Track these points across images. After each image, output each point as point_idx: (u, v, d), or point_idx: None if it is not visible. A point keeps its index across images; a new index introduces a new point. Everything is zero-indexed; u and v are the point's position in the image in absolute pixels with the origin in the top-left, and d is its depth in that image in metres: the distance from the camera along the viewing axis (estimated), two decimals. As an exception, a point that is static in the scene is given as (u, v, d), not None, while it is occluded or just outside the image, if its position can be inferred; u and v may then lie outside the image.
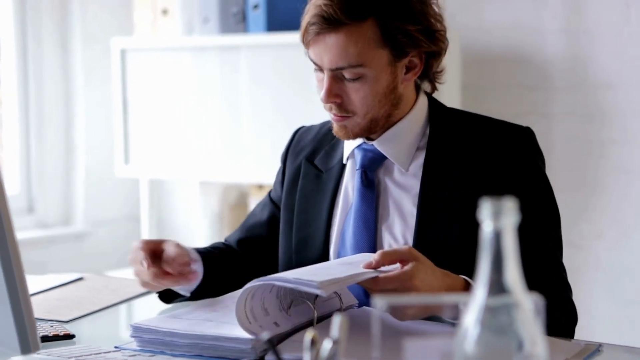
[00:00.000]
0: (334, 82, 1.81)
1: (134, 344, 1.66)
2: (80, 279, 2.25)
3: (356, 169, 1.90)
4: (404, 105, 1.87)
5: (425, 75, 1.88)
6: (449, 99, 3.31)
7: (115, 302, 2.03)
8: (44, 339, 1.69)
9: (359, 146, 1.91)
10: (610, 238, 3.50)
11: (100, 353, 1.60)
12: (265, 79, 3.61)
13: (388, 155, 1.87)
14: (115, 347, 1.65)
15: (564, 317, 1.75)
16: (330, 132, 1.90)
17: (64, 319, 1.88)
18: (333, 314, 1.70)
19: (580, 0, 3.49)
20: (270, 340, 1.10)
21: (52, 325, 1.79)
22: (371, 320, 1.66)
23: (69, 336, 1.73)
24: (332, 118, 1.86)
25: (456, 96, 3.53)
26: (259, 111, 3.64)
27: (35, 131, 4.15)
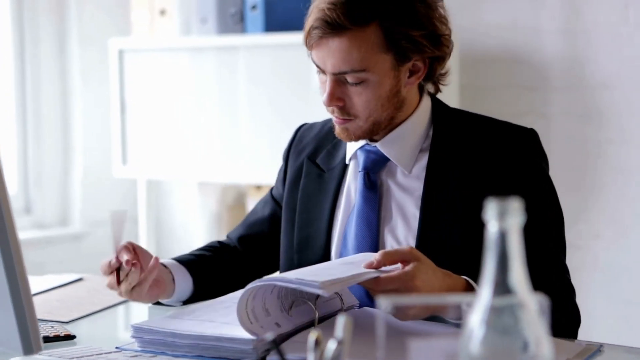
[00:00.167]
0: (336, 86, 1.80)
1: (135, 345, 1.66)
2: (79, 279, 2.25)
3: (359, 171, 1.90)
4: (407, 108, 1.87)
5: (429, 78, 1.87)
6: (447, 99, 3.28)
7: (115, 303, 2.02)
8: (45, 340, 1.69)
9: (361, 147, 1.90)
10: (608, 238, 3.50)
11: (102, 354, 1.60)
12: (263, 79, 3.61)
13: (391, 157, 1.87)
14: (117, 348, 1.65)
15: (565, 318, 1.75)
16: (333, 131, 1.89)
17: (64, 320, 1.88)
18: (334, 314, 1.71)
19: (578, 1, 3.49)
20: (275, 340, 1.10)
21: (53, 326, 1.79)
22: (376, 320, 1.66)
23: (70, 337, 1.73)
24: (335, 120, 1.85)
25: (454, 96, 3.53)
26: (257, 112, 3.64)
27: (32, 132, 4.15)
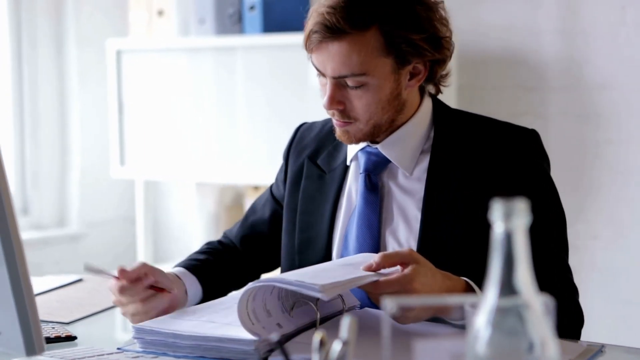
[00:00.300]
0: (336, 89, 1.79)
1: (136, 346, 1.65)
2: (79, 280, 2.25)
3: (360, 172, 1.89)
4: (408, 110, 1.86)
5: (430, 79, 1.86)
6: (445, 100, 3.29)
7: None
8: (46, 341, 1.67)
9: (362, 149, 1.90)
10: (606, 238, 3.50)
11: (103, 355, 1.60)
12: (261, 80, 3.61)
13: (392, 159, 1.87)
14: (118, 349, 1.65)
15: (567, 319, 1.75)
16: (333, 132, 1.89)
17: (65, 321, 1.87)
18: (335, 315, 1.71)
19: (576, 2, 3.50)
20: (279, 341, 1.09)
21: (54, 327, 1.78)
22: (377, 321, 1.66)
23: (71, 338, 1.73)
24: (335, 123, 1.84)
25: (452, 97, 3.53)
26: (255, 112, 3.64)
27: (30, 132, 4.14)
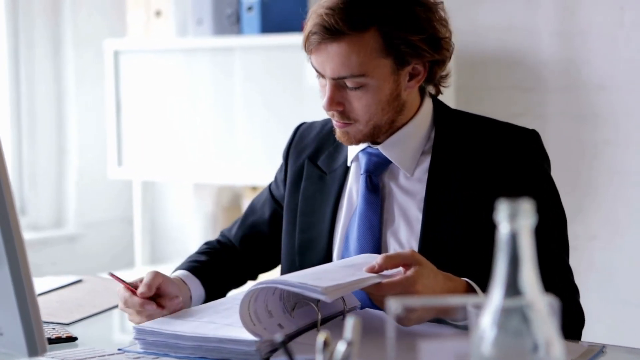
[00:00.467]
0: (336, 91, 1.79)
1: (137, 346, 1.65)
2: (79, 281, 2.25)
3: (361, 173, 1.89)
4: (408, 111, 1.86)
5: (430, 80, 1.86)
6: (443, 101, 3.31)
7: (115, 304, 2.00)
8: (47, 342, 1.68)
9: (363, 150, 1.89)
10: (603, 239, 3.51)
11: (104, 355, 1.60)
12: (259, 80, 3.61)
13: (393, 160, 1.86)
14: (119, 350, 1.65)
15: (567, 319, 1.74)
16: (333, 132, 1.89)
17: (65, 322, 1.87)
18: (336, 315, 1.71)
19: (574, 2, 3.50)
20: (284, 341, 1.09)
21: (54, 328, 1.78)
22: (378, 321, 1.66)
23: (72, 338, 1.73)
24: (335, 124, 1.84)
25: (450, 98, 3.53)
26: (253, 113, 3.64)
27: (27, 133, 4.14)
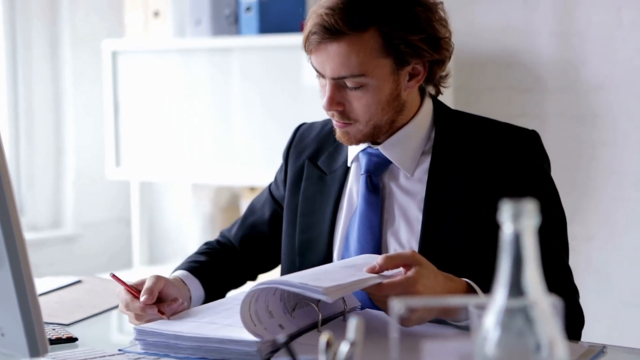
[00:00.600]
0: (336, 91, 1.79)
1: (137, 347, 1.65)
2: (78, 281, 2.25)
3: (361, 174, 1.89)
4: (408, 111, 1.86)
5: (430, 80, 1.87)
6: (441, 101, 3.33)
7: (115, 305, 2.00)
8: (47, 342, 1.68)
9: (363, 150, 1.90)
10: (601, 239, 3.51)
11: (105, 356, 1.60)
12: (257, 81, 3.61)
13: (393, 160, 1.86)
14: (119, 350, 1.64)
15: (567, 320, 1.74)
16: (333, 133, 1.89)
17: (65, 322, 1.87)
18: (337, 316, 1.71)
19: (572, 3, 3.51)
20: (287, 342, 1.10)
21: (54, 329, 1.78)
22: (379, 322, 1.66)
23: (72, 339, 1.72)
24: (335, 124, 1.85)
25: (448, 98, 3.53)
26: (251, 113, 3.64)
27: (24, 134, 4.13)
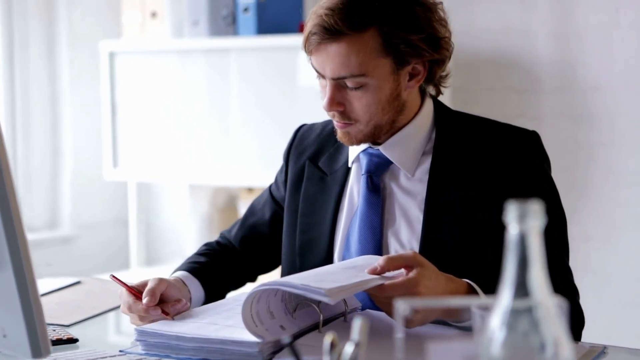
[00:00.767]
0: (336, 91, 1.80)
1: (138, 348, 1.65)
2: (77, 282, 2.24)
3: (362, 174, 1.89)
4: (409, 111, 1.87)
5: (430, 80, 1.87)
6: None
7: (115, 306, 2.01)
8: (48, 343, 1.68)
9: (364, 150, 1.90)
10: (599, 239, 3.52)
11: (106, 357, 1.59)
12: (254, 82, 3.61)
13: (394, 160, 1.87)
14: (120, 351, 1.64)
15: (569, 320, 1.75)
16: (334, 133, 1.89)
17: (65, 323, 1.86)
18: (337, 317, 1.71)
19: (569, 4, 3.51)
20: (291, 343, 1.09)
21: (55, 330, 1.78)
22: (381, 323, 1.66)
23: (72, 340, 1.72)
24: (336, 125, 1.85)
25: (446, 99, 3.53)
26: (249, 114, 3.63)
27: (21, 134, 4.13)
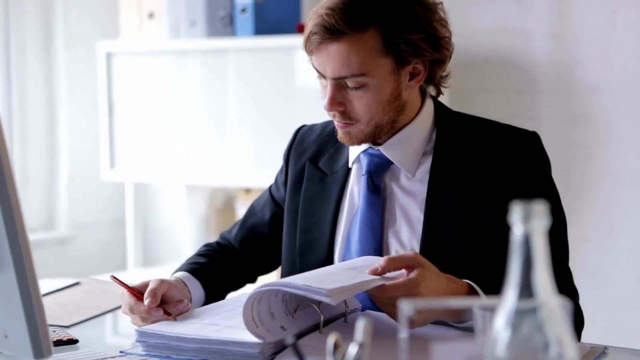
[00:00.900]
0: (337, 91, 1.80)
1: (139, 349, 1.65)
2: (76, 283, 2.24)
3: (362, 174, 1.89)
4: (409, 111, 1.87)
5: (430, 80, 1.87)
6: (437, 103, 3.33)
7: (115, 307, 2.01)
8: (48, 344, 1.67)
9: (364, 151, 1.90)
10: (596, 240, 3.52)
11: (107, 358, 1.59)
12: (252, 82, 3.61)
13: (394, 161, 1.87)
14: (121, 352, 1.64)
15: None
16: (334, 134, 1.90)
17: (65, 324, 1.86)
18: (338, 317, 1.71)
19: (566, 5, 3.52)
20: (295, 344, 1.10)
21: (55, 331, 1.77)
22: (382, 323, 1.66)
23: (73, 341, 1.72)
24: (336, 125, 1.85)
25: (444, 100, 3.51)
26: (246, 115, 3.63)
27: (18, 135, 4.12)
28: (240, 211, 3.83)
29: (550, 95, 3.57)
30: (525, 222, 0.97)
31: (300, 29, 3.56)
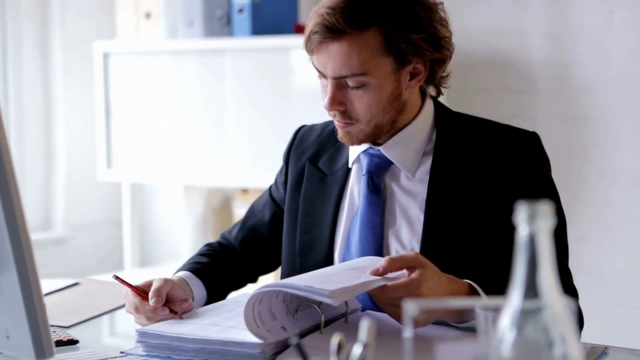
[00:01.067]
0: (337, 90, 1.80)
1: (139, 349, 1.65)
2: (76, 284, 2.24)
3: (362, 174, 1.90)
4: (410, 111, 1.87)
5: (431, 80, 1.88)
6: (435, 103, 3.33)
7: (114, 307, 2.01)
8: (48, 345, 1.67)
9: (365, 151, 1.90)
10: (593, 240, 3.52)
11: (107, 359, 1.59)
12: (249, 82, 3.61)
13: (394, 161, 1.87)
14: (121, 353, 1.64)
15: (571, 322, 1.76)
16: (334, 134, 1.90)
17: (64, 325, 1.86)
18: (338, 318, 1.71)
19: (564, 5, 3.52)
20: (299, 344, 1.10)
21: (55, 331, 1.77)
22: (382, 323, 1.66)
23: (73, 341, 1.72)
24: (337, 124, 1.85)
25: (441, 100, 3.53)
26: (243, 115, 3.63)
27: (15, 135, 4.12)
28: (238, 211, 3.83)
29: (548, 96, 3.58)
30: (531, 223, 0.97)
31: (297, 29, 3.56)
